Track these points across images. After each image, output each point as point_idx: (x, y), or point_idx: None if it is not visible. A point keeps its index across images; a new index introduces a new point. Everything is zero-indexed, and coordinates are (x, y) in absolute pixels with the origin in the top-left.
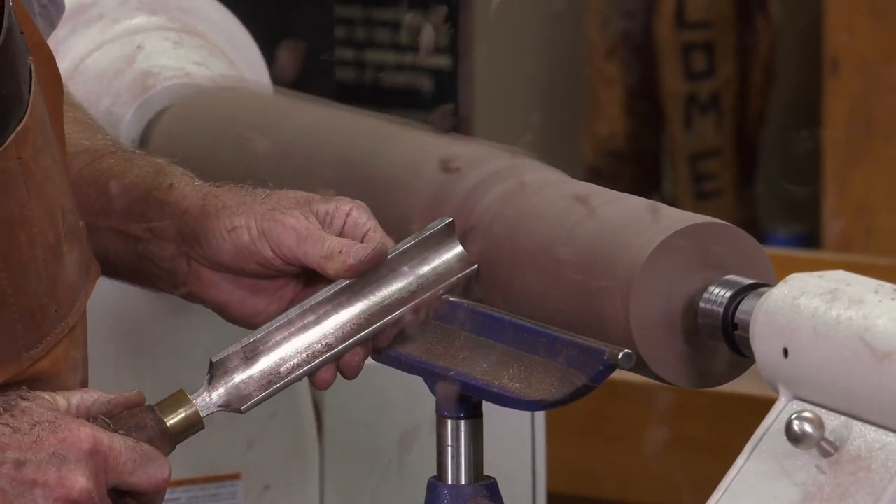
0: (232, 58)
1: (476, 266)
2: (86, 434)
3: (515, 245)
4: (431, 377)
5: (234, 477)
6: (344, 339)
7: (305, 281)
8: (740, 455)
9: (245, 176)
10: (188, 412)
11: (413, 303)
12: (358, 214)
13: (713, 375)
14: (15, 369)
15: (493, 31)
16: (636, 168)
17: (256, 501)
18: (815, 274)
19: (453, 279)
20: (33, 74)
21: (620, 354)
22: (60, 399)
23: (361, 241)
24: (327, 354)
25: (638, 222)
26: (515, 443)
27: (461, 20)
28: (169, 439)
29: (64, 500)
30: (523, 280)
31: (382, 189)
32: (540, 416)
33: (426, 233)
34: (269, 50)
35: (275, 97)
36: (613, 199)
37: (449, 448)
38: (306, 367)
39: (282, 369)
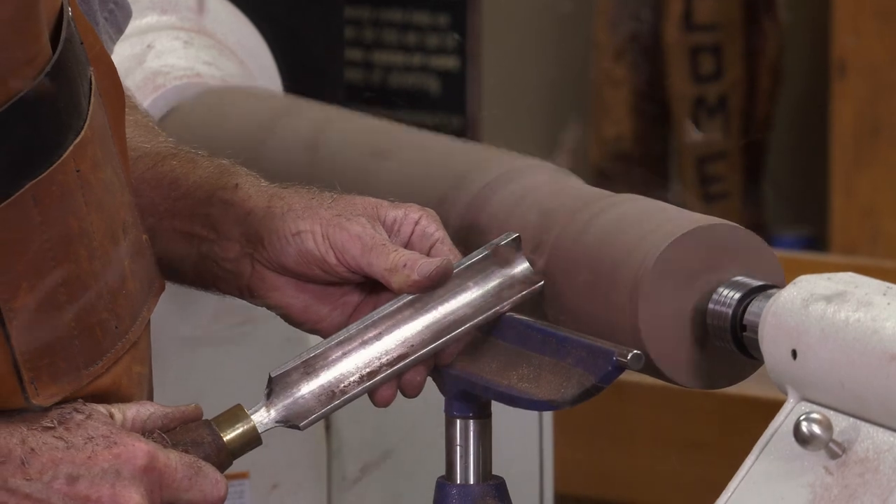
0: (242, 58)
1: (542, 283)
2: (141, 450)
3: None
4: (441, 376)
5: (242, 476)
6: (406, 357)
7: (370, 289)
8: (748, 456)
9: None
10: (245, 428)
11: (477, 320)
12: (427, 224)
13: (722, 377)
14: (74, 386)
15: (501, 32)
16: (643, 170)
17: (264, 501)
18: (824, 276)
19: (519, 296)
20: (93, 86)
21: (629, 355)
22: (116, 412)
23: (429, 253)
24: (388, 371)
25: (647, 223)
26: (523, 443)
27: (469, 22)
28: (226, 455)
29: None
30: None
31: (386, 193)
32: (548, 416)
33: (492, 247)
34: (279, 50)
35: (281, 98)
36: (622, 200)
37: (458, 448)
38: (367, 384)
39: (342, 385)
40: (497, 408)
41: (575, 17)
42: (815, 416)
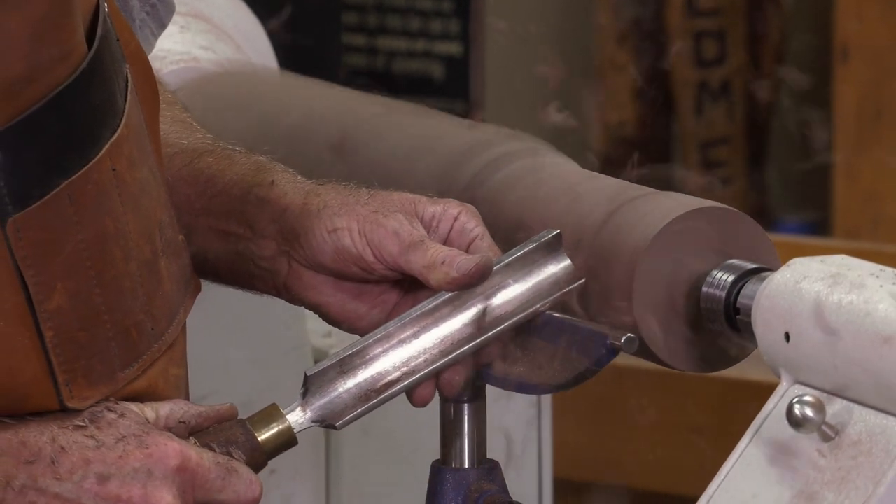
0: (239, 42)
1: (583, 280)
2: (173, 449)
3: (519, 228)
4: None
5: None
6: (444, 355)
7: (409, 287)
8: (742, 439)
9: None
10: (280, 427)
11: (517, 318)
12: (466, 219)
13: (716, 360)
14: (109, 389)
15: (504, 17)
16: (646, 155)
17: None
18: (817, 258)
19: (559, 293)
20: (130, 84)
21: (623, 338)
22: (149, 411)
23: (468, 250)
24: (426, 370)
25: (641, 206)
26: (522, 427)
27: (472, 6)
28: (260, 455)
29: None
30: None
31: (386, 173)
32: (546, 400)
33: (533, 244)
34: (276, 35)
35: (278, 83)
36: (616, 183)
37: (452, 432)
38: (405, 383)
39: (379, 384)
40: (496, 392)
41: (578, 1)
42: (807, 398)
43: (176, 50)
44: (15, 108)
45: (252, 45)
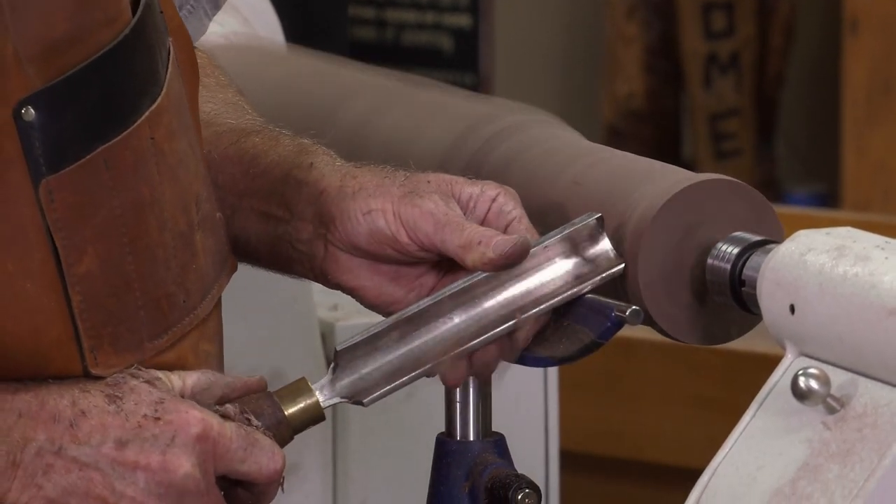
0: (245, 15)
1: (623, 265)
2: (194, 417)
3: (524, 201)
4: None
5: None
6: (478, 335)
7: (447, 269)
8: (746, 412)
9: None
10: (308, 402)
11: (553, 301)
12: (504, 201)
13: (721, 332)
14: (135, 357)
15: None
16: (655, 128)
17: None
18: (822, 231)
19: (598, 277)
20: (172, 56)
21: (628, 311)
22: (176, 379)
23: (505, 231)
24: (459, 349)
25: (646, 179)
26: (528, 400)
27: None
28: (286, 429)
29: (167, 484)
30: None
31: (392, 145)
32: (553, 373)
33: (573, 227)
34: (282, 7)
35: (285, 57)
36: (621, 156)
37: (457, 404)
38: (436, 361)
39: (410, 362)
40: (501, 365)
41: None
42: (812, 370)
43: None
44: (56, 68)
45: (259, 18)
